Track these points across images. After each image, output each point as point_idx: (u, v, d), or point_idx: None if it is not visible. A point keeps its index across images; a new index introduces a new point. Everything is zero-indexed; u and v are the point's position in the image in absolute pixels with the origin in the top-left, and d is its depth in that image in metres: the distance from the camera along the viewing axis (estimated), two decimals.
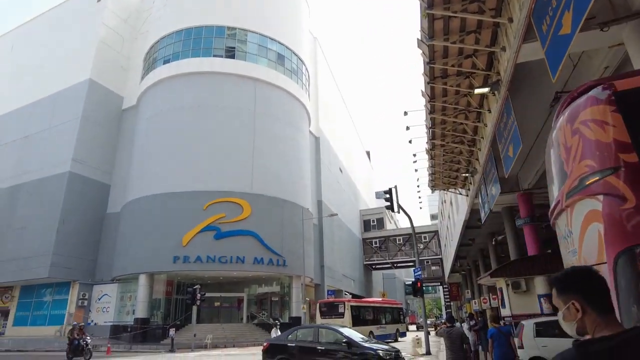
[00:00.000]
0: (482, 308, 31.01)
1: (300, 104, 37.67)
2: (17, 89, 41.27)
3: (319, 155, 45.01)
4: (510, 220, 19.10)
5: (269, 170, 31.90)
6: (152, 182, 30.30)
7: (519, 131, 9.21)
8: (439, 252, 57.06)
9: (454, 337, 7.67)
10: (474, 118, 13.68)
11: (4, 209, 35.59)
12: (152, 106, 33.54)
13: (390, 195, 17.60)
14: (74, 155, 33.75)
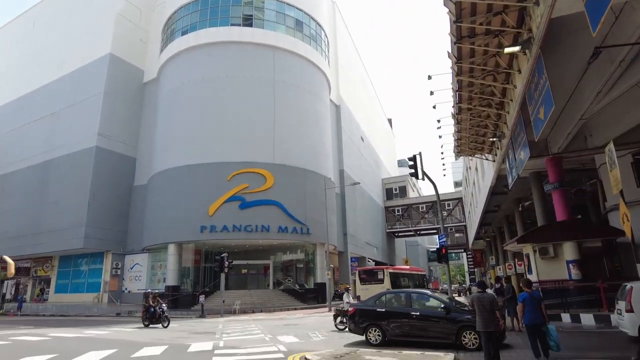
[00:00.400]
0: (506, 274, 30.95)
1: (320, 72, 37.01)
2: (41, 66, 41.99)
3: (340, 123, 44.53)
4: (538, 186, 18.62)
5: (290, 140, 31.84)
6: (176, 154, 30.77)
7: (551, 91, 8.75)
8: (462, 219, 56.64)
9: (486, 303, 7.62)
10: (503, 79, 13.11)
11: (38, 184, 37.02)
12: (172, 79, 33.61)
13: (414, 162, 17.31)
14: (100, 130, 34.47)
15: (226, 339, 12.56)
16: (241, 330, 15.29)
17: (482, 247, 50.25)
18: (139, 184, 35.87)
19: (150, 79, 38.09)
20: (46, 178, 36.73)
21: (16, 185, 38.99)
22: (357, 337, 11.28)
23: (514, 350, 9.25)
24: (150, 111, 36.60)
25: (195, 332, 14.80)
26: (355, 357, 8.33)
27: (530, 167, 16.87)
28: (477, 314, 7.69)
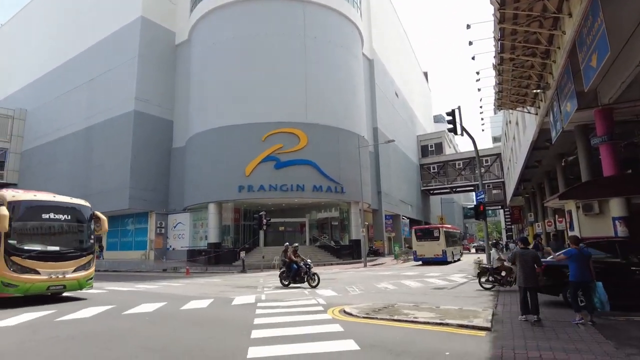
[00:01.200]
0: (546, 231, 30.25)
1: (352, 25, 35.70)
2: (78, 33, 42.78)
3: (373, 79, 43.35)
4: (584, 139, 17.65)
5: (322, 98, 31.45)
6: (211, 116, 31.22)
7: (607, 35, 8.07)
8: (500, 176, 55.11)
9: (528, 259, 7.57)
10: (550, 25, 12.16)
11: (84, 148, 38.83)
12: (203, 39, 33.49)
13: (453, 117, 16.75)
14: (136, 94, 35.26)
15: (268, 292, 13.19)
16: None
17: (521, 204, 49.03)
18: (177, 146, 36.92)
19: (182, 40, 38.12)
20: (90, 143, 38.42)
21: (64, 151, 41.08)
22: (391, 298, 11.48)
23: (553, 305, 9.21)
24: (184, 73, 36.91)
25: (238, 287, 15.60)
26: (393, 310, 8.57)
27: (577, 120, 15.92)
28: (519, 270, 7.66)
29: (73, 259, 11.65)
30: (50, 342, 6.53)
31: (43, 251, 11.11)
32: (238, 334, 6.77)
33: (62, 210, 11.92)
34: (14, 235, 10.72)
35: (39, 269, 10.81)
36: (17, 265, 10.55)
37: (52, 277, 11.02)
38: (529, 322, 7.29)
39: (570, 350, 5.42)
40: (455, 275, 17.94)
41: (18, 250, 10.68)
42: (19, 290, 10.52)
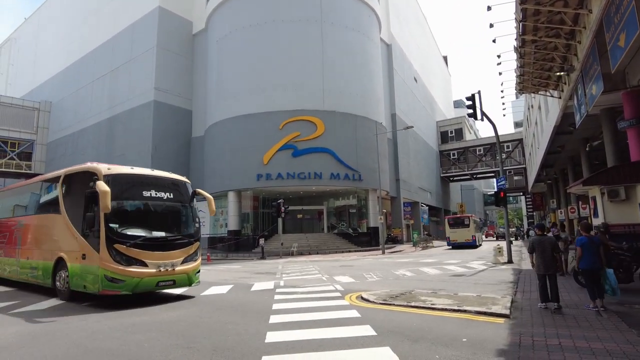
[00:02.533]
0: (568, 218, 29.56)
1: (369, 9, 35.13)
2: (98, 25, 43.44)
3: (392, 64, 42.72)
4: (610, 123, 17.05)
5: (339, 85, 31.21)
6: (229, 105, 31.41)
7: (637, 13, 7.72)
8: (522, 162, 53.89)
9: (546, 245, 7.45)
10: (575, 4, 11.71)
11: (106, 138, 39.72)
12: (220, 28, 33.52)
13: (473, 102, 16.41)
14: (156, 84, 35.70)
15: (286, 278, 13.37)
16: (299, 270, 16.16)
17: (543, 190, 47.96)
18: (196, 136, 37.36)
19: (199, 30, 38.27)
20: (112, 133, 39.24)
21: (87, 141, 42.12)
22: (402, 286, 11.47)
23: (574, 292, 9.05)
24: (202, 63, 37.14)
25: (257, 273, 15.86)
26: (410, 297, 8.58)
27: (602, 103, 15.37)
28: (537, 257, 7.54)
29: (181, 248, 9.49)
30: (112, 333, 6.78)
31: (150, 238, 9.03)
32: (257, 319, 6.90)
33: (163, 187, 9.82)
34: (113, 218, 8.61)
35: (145, 260, 8.72)
36: (121, 255, 8.50)
37: (161, 270, 8.91)
38: (549, 310, 7.20)
39: (591, 339, 5.33)
40: (474, 263, 17.78)
41: (121, 236, 8.61)
42: (126, 287, 8.46)
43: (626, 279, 9.49)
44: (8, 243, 12.24)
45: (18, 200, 12.79)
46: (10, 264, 11.92)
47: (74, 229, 9.16)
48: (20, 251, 11.40)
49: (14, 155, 45.71)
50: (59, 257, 9.56)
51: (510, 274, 13.26)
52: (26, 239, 11.34)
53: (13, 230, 12.08)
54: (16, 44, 60.13)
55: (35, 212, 11.29)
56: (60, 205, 9.75)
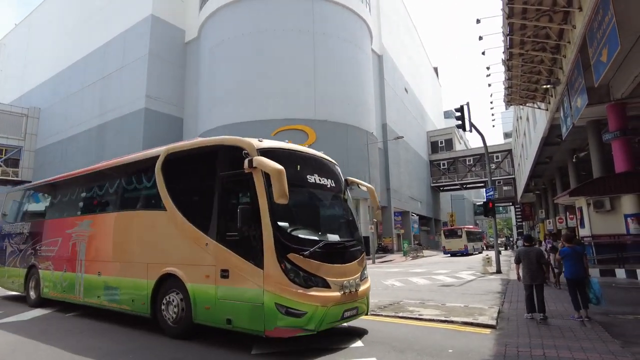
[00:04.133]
0: (557, 228, 29.90)
1: (361, 20, 35.54)
2: (90, 31, 43.28)
3: (383, 75, 43.14)
4: (595, 135, 17.40)
5: (331, 95, 31.41)
6: (220, 113, 31.40)
7: (617, 30, 7.94)
8: (511, 172, 54.50)
9: (532, 256, 7.54)
10: (560, 20, 12.01)
11: (96, 146, 39.36)
12: (212, 37, 33.64)
13: (461, 113, 16.62)
14: (147, 92, 35.59)
15: None
16: None
17: (532, 200, 48.51)
18: None
19: (191, 38, 38.35)
20: (102, 140, 38.92)
21: (77, 148, 41.69)
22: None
23: (560, 303, 9.14)
24: (193, 71, 37.15)
25: None
26: (398, 307, 8.59)
27: (588, 115, 15.69)
28: (524, 267, 7.62)
29: (357, 258, 6.53)
30: None
31: (331, 244, 6.17)
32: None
33: (325, 171, 7.03)
34: (282, 214, 5.75)
35: (327, 278, 5.72)
36: (298, 270, 5.49)
37: (346, 293, 5.88)
38: (535, 320, 7.25)
39: (574, 349, 5.39)
40: (464, 273, 17.87)
41: (296, 241, 5.67)
42: (309, 322, 5.38)
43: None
44: (61, 252, 9.36)
45: (75, 194, 9.77)
46: (66, 280, 9.03)
47: (199, 232, 6.29)
48: (86, 264, 8.58)
49: (0, 161, 45.06)
50: (165, 273, 6.69)
51: (498, 284, 13.34)
52: (96, 246, 8.53)
53: (70, 235, 9.17)
54: (5, 50, 59.61)
55: (110, 209, 8.46)
56: (164, 198, 7.01)
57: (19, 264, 10.87)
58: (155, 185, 7.28)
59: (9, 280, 11.34)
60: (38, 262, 10.08)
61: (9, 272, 11.33)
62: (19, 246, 11.11)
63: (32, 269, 10.27)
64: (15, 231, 11.47)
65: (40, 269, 9.92)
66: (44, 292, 9.68)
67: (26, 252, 10.67)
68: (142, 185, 7.92)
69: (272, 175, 5.30)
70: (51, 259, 9.64)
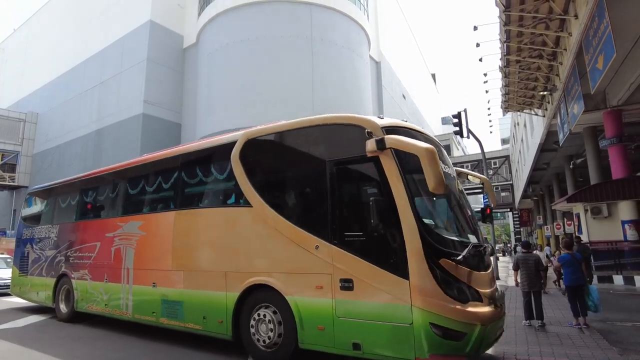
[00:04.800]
0: (554, 234, 29.91)
1: (359, 27, 35.73)
2: (89, 37, 43.36)
3: (380, 81, 43.29)
4: (592, 142, 17.46)
5: (329, 100, 31.47)
6: (219, 119, 31.40)
7: (613, 37, 8.00)
8: (509, 178, 54.51)
9: (531, 263, 7.53)
10: (557, 27, 12.08)
11: (93, 151, 39.29)
12: (211, 42, 33.74)
13: (459, 119, 16.67)
14: (145, 97, 35.59)
15: None
16: None
17: (529, 207, 48.60)
18: None
19: (190, 44, 38.44)
20: (100, 145, 38.85)
21: (74, 153, 41.58)
22: None
23: (558, 310, 9.11)
24: (192, 77, 37.21)
25: None
26: None
27: (585, 122, 15.75)
28: (522, 274, 7.61)
29: (491, 264, 5.74)
30: None
31: (475, 246, 5.09)
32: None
33: (447, 160, 6.27)
34: (427, 210, 5.01)
35: (478, 289, 4.75)
36: (453, 280, 4.52)
37: (496, 308, 4.89)
38: (533, 327, 7.23)
39: (573, 356, 5.36)
40: None
41: (443, 243, 4.71)
42: (467, 346, 4.36)
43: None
44: (101, 259, 8.17)
45: (116, 191, 8.57)
46: (108, 292, 7.86)
47: (304, 232, 5.18)
48: (135, 273, 7.38)
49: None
50: (253, 284, 5.55)
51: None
52: (148, 252, 7.30)
53: (112, 239, 7.98)
54: (4, 55, 59.64)
55: (167, 208, 7.29)
56: (248, 192, 5.84)
57: (46, 272, 9.62)
58: (232, 177, 6.09)
59: (32, 291, 10.11)
60: (70, 271, 8.84)
61: (33, 282, 10.05)
62: (45, 252, 9.82)
63: (62, 278, 9.07)
64: (40, 235, 10.23)
65: (74, 278, 8.68)
66: (79, 305, 8.44)
67: (54, 259, 9.41)
68: (211, 178, 6.69)
69: (422, 158, 4.27)
70: (87, 267, 8.40)
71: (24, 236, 11.02)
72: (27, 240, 10.81)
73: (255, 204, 5.74)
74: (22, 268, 10.75)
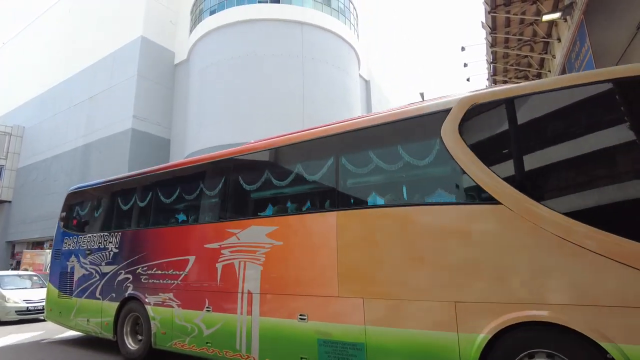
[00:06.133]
0: None
1: (349, 46, 36.35)
2: (79, 51, 43.37)
3: (370, 100, 43.88)
4: None
5: (319, 118, 31.63)
6: (209, 135, 31.37)
7: (594, 61, 8.26)
8: None
9: None
10: (541, 49, 12.46)
11: (80, 166, 38.85)
12: (202, 59, 33.96)
13: None
14: (134, 113, 35.50)
15: None
16: None
17: None
18: None
19: (181, 60, 38.64)
20: (87, 160, 38.44)
21: (60, 168, 41.04)
22: None
23: None
24: (182, 93, 37.28)
25: None
26: None
27: None
28: None
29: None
30: None
31: None
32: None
33: None
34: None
35: None
36: None
37: None
38: None
39: None
40: None
41: None
42: None
43: None
44: (196, 279, 6.23)
45: (217, 187, 6.53)
46: (213, 325, 5.78)
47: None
48: (262, 300, 5.34)
49: None
50: (515, 323, 3.74)
51: None
52: (289, 269, 5.28)
53: (216, 251, 5.93)
54: None
55: (323, 207, 5.31)
56: (488, 182, 4.07)
57: (102, 294, 7.64)
58: (441, 162, 4.42)
59: (79, 319, 8.01)
60: (143, 294, 6.85)
61: (81, 307, 8.01)
62: (100, 268, 7.83)
63: (129, 302, 7.09)
64: (91, 245, 8.22)
65: (149, 304, 6.71)
66: (159, 341, 6.45)
67: (115, 278, 7.42)
68: (401, 164, 4.73)
69: None
70: (173, 290, 6.36)
71: (65, 246, 8.95)
72: (70, 251, 8.75)
73: (507, 200, 3.86)
74: (63, 287, 8.63)
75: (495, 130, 4.32)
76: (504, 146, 4.23)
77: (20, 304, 12.71)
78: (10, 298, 12.73)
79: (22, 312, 12.68)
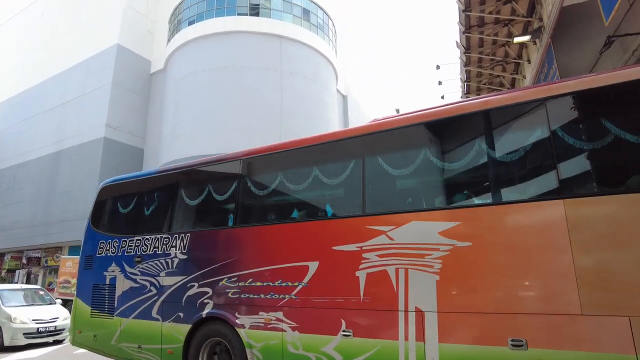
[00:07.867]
0: None
1: (327, 61, 36.78)
2: (51, 57, 42.23)
3: (347, 114, 44.36)
4: None
5: (296, 132, 31.68)
6: (184, 146, 30.88)
7: (561, 79, 8.59)
8: None
9: None
10: (512, 70, 12.91)
11: (49, 174, 37.47)
12: (179, 69, 33.63)
13: None
14: (108, 121, 34.65)
15: None
16: None
17: None
18: None
19: (157, 69, 38.14)
20: (56, 168, 37.13)
21: (28, 176, 39.47)
22: None
23: None
24: (157, 102, 36.71)
25: None
26: None
27: None
28: None
29: None
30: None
31: None
32: None
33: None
34: None
35: None
36: None
37: None
38: None
39: None
40: None
41: None
42: None
43: None
44: (323, 293, 4.71)
45: (353, 164, 5.02)
46: (358, 354, 4.27)
47: None
48: (440, 319, 3.92)
49: None
50: None
51: None
52: (484, 279, 3.91)
53: (357, 255, 4.46)
54: None
55: (546, 193, 3.92)
56: None
57: (162, 313, 5.85)
58: None
59: (125, 344, 6.18)
60: (232, 313, 5.19)
61: (129, 329, 6.17)
62: (158, 279, 6.06)
63: (206, 324, 5.42)
64: (143, 251, 6.46)
65: (243, 326, 5.08)
66: None
67: (184, 292, 5.66)
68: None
69: None
70: (282, 307, 4.81)
71: (100, 252, 7.27)
72: (109, 258, 7.02)
73: None
74: (98, 304, 6.77)
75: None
76: None
77: (30, 325, 10.58)
78: (16, 317, 10.41)
79: (31, 335, 10.55)
